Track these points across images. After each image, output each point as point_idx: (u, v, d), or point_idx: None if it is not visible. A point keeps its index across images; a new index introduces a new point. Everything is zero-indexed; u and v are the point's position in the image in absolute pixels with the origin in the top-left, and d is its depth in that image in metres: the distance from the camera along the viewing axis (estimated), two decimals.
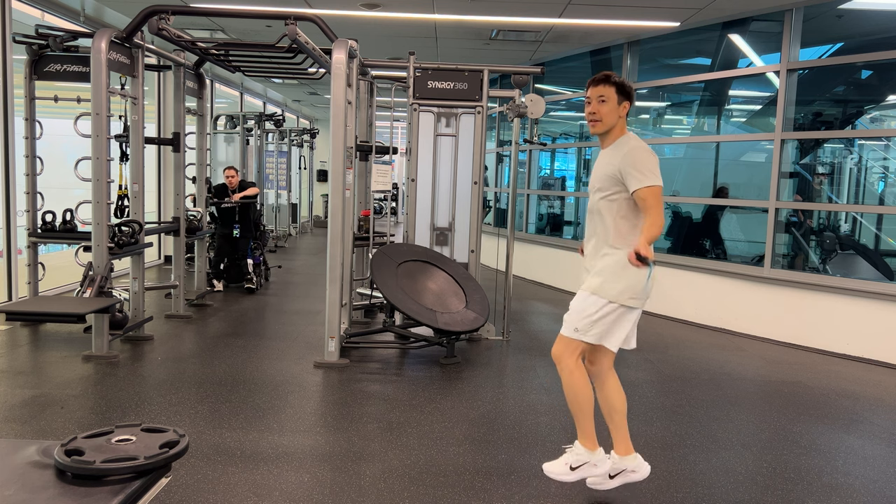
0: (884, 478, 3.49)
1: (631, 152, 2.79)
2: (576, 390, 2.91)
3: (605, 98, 2.86)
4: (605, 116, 2.86)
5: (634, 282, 2.81)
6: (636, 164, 2.75)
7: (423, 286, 5.44)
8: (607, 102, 2.86)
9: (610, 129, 2.89)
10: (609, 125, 2.88)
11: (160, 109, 9.64)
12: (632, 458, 3.01)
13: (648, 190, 2.73)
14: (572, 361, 2.89)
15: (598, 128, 2.91)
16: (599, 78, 2.89)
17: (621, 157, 2.79)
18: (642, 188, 2.73)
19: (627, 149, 2.81)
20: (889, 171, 7.36)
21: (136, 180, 5.65)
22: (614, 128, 2.89)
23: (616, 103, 2.85)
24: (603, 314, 2.83)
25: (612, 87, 2.85)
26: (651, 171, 2.75)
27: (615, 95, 2.85)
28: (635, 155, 2.78)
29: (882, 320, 5.74)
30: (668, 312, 7.39)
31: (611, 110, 2.85)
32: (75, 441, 1.76)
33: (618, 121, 2.87)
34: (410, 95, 5.94)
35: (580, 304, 2.90)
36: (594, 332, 2.85)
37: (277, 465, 3.31)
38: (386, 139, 10.39)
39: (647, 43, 8.06)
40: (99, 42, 4.96)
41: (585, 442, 2.97)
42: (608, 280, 2.83)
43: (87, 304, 4.82)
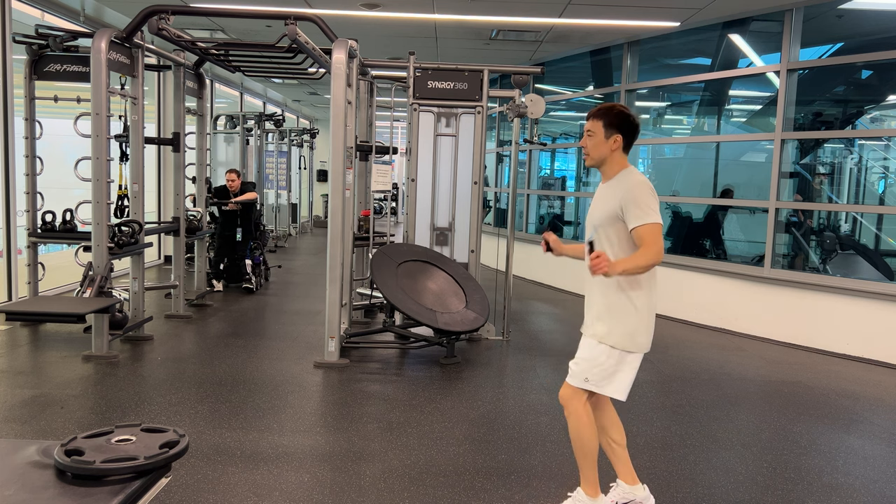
0: (884, 478, 3.49)
1: (632, 189, 2.70)
2: (582, 435, 2.81)
3: (592, 132, 2.79)
4: (592, 150, 2.79)
5: (640, 326, 2.75)
6: (637, 201, 2.67)
7: (423, 286, 5.44)
8: (593, 136, 2.78)
9: (605, 163, 2.80)
10: (597, 159, 2.80)
11: (160, 109, 9.64)
12: (641, 489, 2.96)
13: (647, 228, 2.65)
14: (580, 405, 2.81)
15: (588, 161, 2.85)
16: (590, 112, 2.83)
17: (622, 193, 2.70)
18: (641, 226, 2.65)
19: (629, 185, 2.72)
20: (889, 171, 7.36)
21: (136, 180, 5.65)
22: (610, 161, 2.80)
23: (602, 137, 2.76)
24: (611, 363, 2.75)
25: (598, 122, 2.77)
26: (651, 209, 2.67)
27: (601, 129, 2.76)
28: (637, 191, 2.69)
29: (882, 320, 5.74)
30: (668, 312, 7.39)
31: (597, 144, 2.78)
32: (75, 441, 1.76)
33: (610, 154, 2.78)
34: (410, 95, 5.94)
35: (588, 353, 2.80)
36: (604, 383, 2.76)
37: (277, 465, 3.31)
38: (386, 139, 10.40)
39: (647, 43, 8.06)
40: (99, 42, 4.96)
41: (588, 489, 2.87)
42: (615, 325, 2.75)
43: (87, 304, 4.82)
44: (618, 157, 2.80)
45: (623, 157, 2.81)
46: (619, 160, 2.80)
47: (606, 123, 2.77)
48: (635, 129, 2.80)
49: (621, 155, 2.80)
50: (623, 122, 2.77)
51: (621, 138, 2.76)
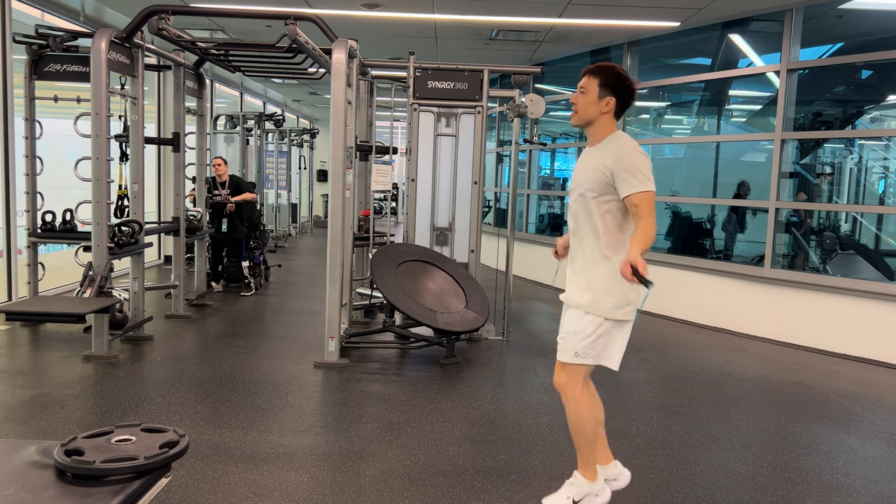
0: (884, 478, 3.49)
1: (623, 153, 2.57)
2: (582, 419, 2.74)
3: (585, 90, 2.65)
4: (581, 108, 2.67)
5: (628, 292, 2.64)
6: (629, 167, 2.53)
7: (423, 286, 5.44)
8: (586, 94, 2.65)
9: (593, 124, 2.67)
10: (585, 118, 2.67)
11: (160, 109, 9.64)
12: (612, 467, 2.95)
13: (643, 195, 2.50)
14: (578, 389, 2.73)
15: (574, 120, 2.71)
16: (587, 68, 2.70)
17: (613, 158, 2.57)
18: (635, 193, 2.51)
19: (619, 149, 2.59)
20: (889, 171, 7.36)
21: (136, 180, 5.65)
22: (599, 124, 2.67)
23: (596, 96, 2.63)
24: (600, 332, 2.66)
25: (594, 79, 2.64)
26: (645, 175, 2.53)
27: (596, 88, 2.62)
28: (628, 156, 2.56)
29: (882, 320, 5.74)
30: (668, 312, 7.39)
31: (588, 103, 2.64)
32: (75, 441, 1.76)
33: (600, 116, 2.65)
34: (410, 95, 5.94)
35: (575, 325, 2.71)
36: (594, 354, 2.68)
37: (277, 465, 3.31)
38: (386, 139, 10.40)
39: (647, 43, 8.06)
40: (99, 42, 4.96)
41: (586, 472, 2.82)
42: (601, 295, 2.66)
43: (87, 304, 4.82)
44: (607, 121, 2.67)
45: (613, 122, 2.68)
46: (608, 124, 2.67)
47: (602, 82, 2.63)
48: (631, 95, 2.67)
49: (611, 119, 2.67)
50: (619, 85, 2.64)
51: (614, 101, 2.64)
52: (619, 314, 2.66)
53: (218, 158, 7.83)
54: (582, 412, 2.75)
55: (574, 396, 2.75)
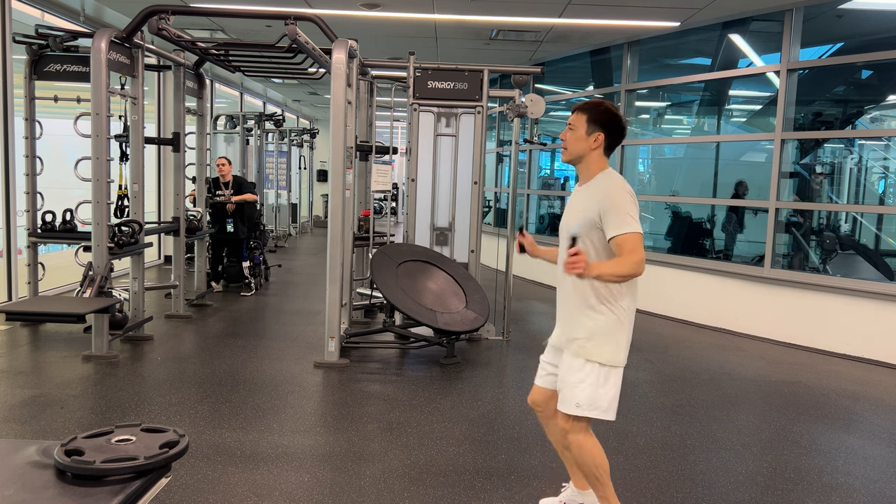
0: (884, 478, 3.49)
1: (611, 194, 2.52)
2: (595, 465, 2.64)
3: (574, 126, 2.61)
4: (570, 145, 2.62)
5: (625, 338, 2.60)
6: (615, 208, 2.47)
7: (423, 286, 5.44)
8: (574, 131, 2.61)
9: (582, 161, 2.63)
10: (574, 155, 2.62)
11: (160, 109, 9.64)
12: (591, 495, 2.81)
13: (627, 238, 2.43)
14: (582, 436, 2.64)
15: (564, 156, 2.67)
16: (576, 105, 2.68)
17: (601, 198, 2.52)
18: (620, 235, 2.44)
19: (607, 189, 2.54)
20: (889, 170, 7.36)
21: (136, 180, 5.65)
22: (589, 161, 2.62)
23: (584, 133, 2.58)
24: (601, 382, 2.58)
25: (582, 116, 2.60)
26: (630, 216, 2.46)
27: (584, 125, 2.58)
28: (615, 197, 2.50)
29: (882, 320, 5.74)
30: (668, 312, 7.39)
31: (576, 139, 2.60)
32: (75, 441, 1.76)
33: (589, 153, 2.60)
34: (410, 95, 5.94)
35: (575, 376, 2.61)
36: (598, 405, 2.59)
37: (277, 465, 3.31)
38: (386, 139, 10.40)
39: (647, 43, 8.06)
40: (99, 42, 4.96)
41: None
42: (603, 341, 2.57)
43: (87, 304, 4.82)
44: (597, 158, 2.61)
45: (603, 159, 2.63)
46: (597, 161, 2.62)
47: (590, 119, 2.59)
48: (621, 132, 2.62)
49: (601, 156, 2.62)
50: (608, 121, 2.59)
51: (603, 137, 2.58)
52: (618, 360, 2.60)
53: (222, 159, 7.81)
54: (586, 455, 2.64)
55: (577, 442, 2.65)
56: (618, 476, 3.33)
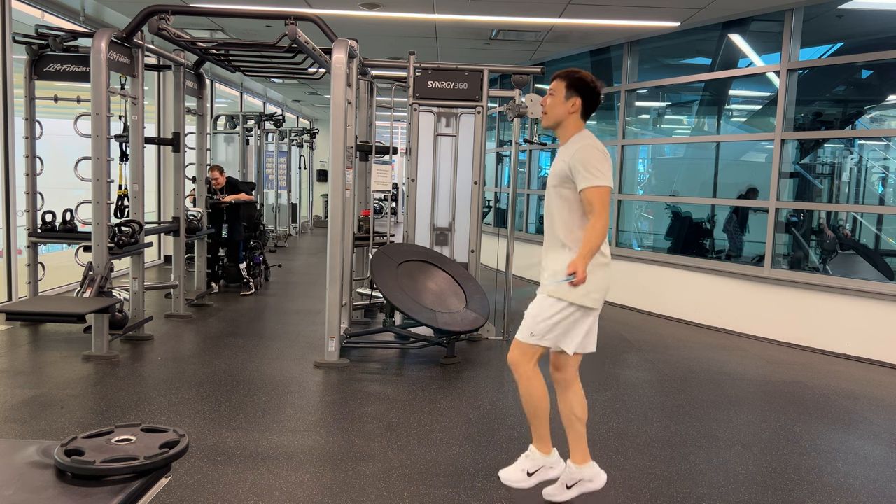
0: (884, 478, 3.49)
1: (581, 149, 2.74)
2: (534, 396, 2.89)
3: (554, 92, 2.84)
4: (550, 109, 2.84)
5: (594, 282, 2.74)
6: (585, 162, 2.70)
7: (423, 286, 5.44)
8: (554, 96, 2.83)
9: (561, 125, 2.85)
10: (554, 119, 2.85)
11: (160, 109, 9.64)
12: (588, 468, 2.97)
13: (595, 190, 2.67)
14: (529, 368, 2.87)
15: (544, 121, 2.89)
16: (556, 73, 2.88)
17: (571, 154, 2.76)
18: (588, 188, 2.67)
19: (579, 146, 2.76)
20: (889, 170, 7.36)
21: (136, 180, 5.65)
22: (567, 124, 2.84)
23: (563, 98, 2.81)
24: (560, 318, 2.79)
25: (561, 82, 2.82)
26: (599, 171, 2.68)
27: (563, 90, 2.81)
28: (585, 153, 2.73)
29: (882, 320, 5.74)
30: (668, 312, 7.39)
31: (556, 104, 2.82)
32: (75, 441, 1.76)
33: (568, 117, 2.83)
34: (410, 95, 5.94)
35: (537, 308, 2.86)
36: (551, 336, 2.82)
37: (277, 465, 3.31)
38: (386, 139, 10.41)
39: (647, 43, 8.06)
40: (99, 42, 4.96)
41: (541, 446, 2.98)
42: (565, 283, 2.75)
43: (87, 304, 4.82)
44: (574, 121, 2.84)
45: (580, 122, 2.85)
46: (575, 123, 2.84)
47: (568, 84, 2.81)
48: (596, 96, 2.84)
49: (578, 119, 2.84)
50: (585, 87, 2.81)
51: (580, 102, 2.81)
52: (581, 300, 2.77)
53: (213, 171, 7.69)
54: (533, 389, 2.89)
55: (525, 374, 2.88)
56: (618, 476, 3.34)
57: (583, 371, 3.00)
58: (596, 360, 5.37)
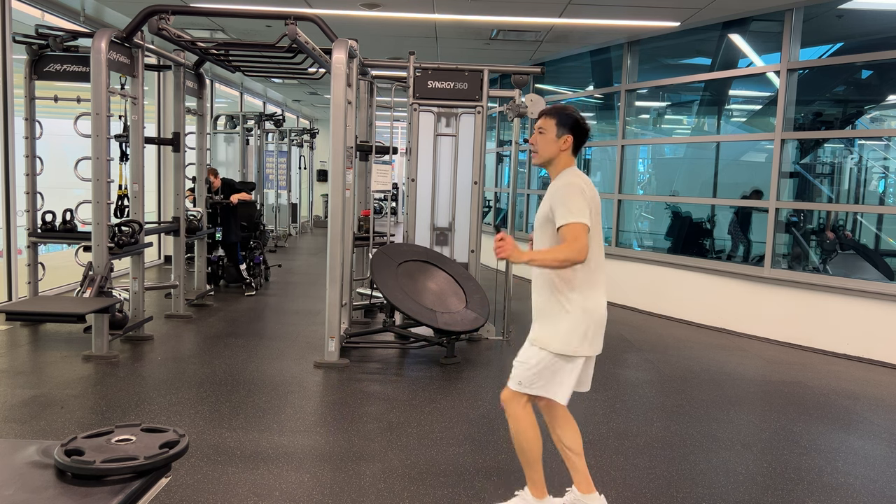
0: (884, 478, 3.49)
1: (561, 188, 2.69)
2: (522, 439, 2.78)
3: (544, 130, 2.78)
4: (541, 148, 2.78)
5: (572, 329, 2.68)
6: (563, 201, 2.64)
7: (423, 286, 5.44)
8: (545, 134, 2.77)
9: (552, 163, 2.80)
10: (545, 157, 2.79)
11: (160, 109, 9.64)
12: (592, 499, 2.88)
13: (569, 228, 2.59)
14: (519, 408, 2.78)
15: (535, 159, 2.83)
16: (544, 110, 2.83)
17: (553, 193, 2.70)
18: (563, 226, 2.60)
19: (560, 185, 2.71)
20: (889, 170, 7.36)
21: (136, 180, 5.65)
22: (556, 161, 2.79)
23: (554, 136, 2.75)
24: (543, 366, 2.70)
25: (551, 119, 2.77)
26: (577, 209, 2.61)
27: (553, 128, 2.75)
28: (564, 192, 2.67)
29: (882, 320, 5.74)
30: (668, 312, 7.39)
31: (547, 143, 2.77)
32: (75, 441, 1.76)
33: (558, 154, 2.77)
34: (410, 95, 5.94)
35: (522, 355, 2.79)
36: (538, 385, 2.72)
37: (277, 465, 3.31)
38: (386, 139, 10.41)
39: (647, 43, 8.06)
40: (99, 42, 4.96)
41: (535, 491, 2.84)
42: (545, 328, 2.73)
43: (87, 304, 4.82)
44: (565, 158, 2.79)
45: (570, 159, 2.81)
46: (565, 160, 2.79)
47: (559, 122, 2.76)
48: (585, 133, 2.80)
49: (569, 156, 2.80)
50: (575, 124, 2.77)
51: (572, 139, 2.76)
52: (564, 349, 2.69)
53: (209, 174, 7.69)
54: (521, 432, 2.78)
55: (515, 415, 2.79)
56: (618, 476, 3.34)
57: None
58: (596, 360, 5.36)
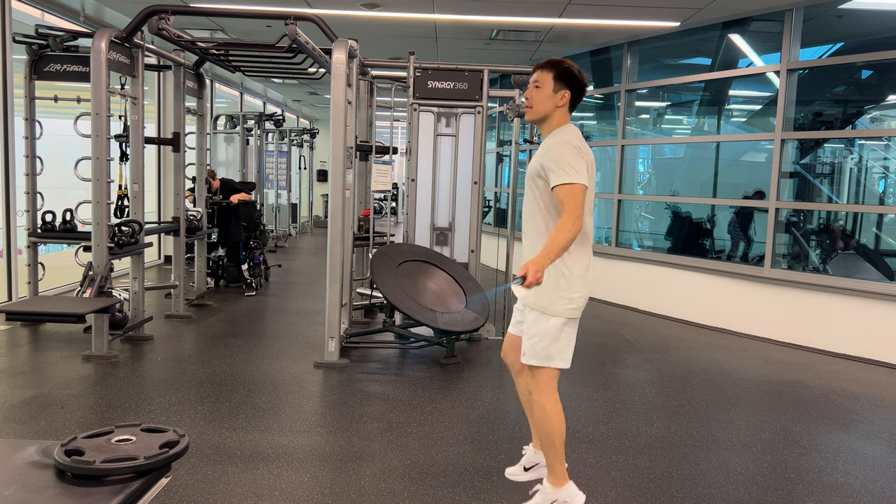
0: (884, 478, 3.49)
1: (554, 145, 2.55)
2: (549, 426, 2.70)
3: (540, 84, 2.64)
4: (537, 103, 2.64)
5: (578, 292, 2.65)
6: (556, 159, 2.50)
7: (423, 286, 5.44)
8: (541, 88, 2.63)
9: (547, 119, 2.65)
10: (541, 113, 2.64)
11: (160, 109, 9.64)
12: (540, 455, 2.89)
13: (566, 189, 2.44)
14: (545, 398, 2.69)
15: (530, 114, 2.68)
16: (540, 63, 2.68)
17: (546, 149, 2.57)
18: (559, 185, 2.46)
19: (553, 141, 2.57)
20: (889, 170, 7.36)
21: (136, 180, 5.65)
22: (551, 118, 2.65)
23: (551, 90, 2.62)
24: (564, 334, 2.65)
25: (548, 73, 2.63)
26: (571, 167, 2.47)
27: (551, 82, 2.62)
28: (558, 149, 2.52)
29: (882, 320, 5.74)
30: (668, 312, 7.39)
31: (544, 97, 2.63)
32: (75, 441, 1.76)
33: (554, 110, 2.63)
34: (410, 95, 5.94)
35: (537, 328, 2.67)
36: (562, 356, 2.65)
37: (277, 465, 3.31)
38: (386, 139, 10.41)
39: (647, 43, 8.06)
40: (99, 42, 4.96)
41: (555, 480, 2.77)
42: (551, 295, 2.63)
43: (87, 304, 4.82)
44: (560, 115, 2.66)
45: (566, 115, 2.67)
46: (560, 117, 2.66)
47: (557, 75, 2.63)
48: (583, 88, 2.67)
49: (565, 112, 2.67)
50: (574, 79, 2.64)
51: (569, 94, 2.64)
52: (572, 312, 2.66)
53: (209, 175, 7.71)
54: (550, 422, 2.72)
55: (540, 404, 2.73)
56: (618, 476, 3.34)
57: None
58: (596, 360, 5.37)
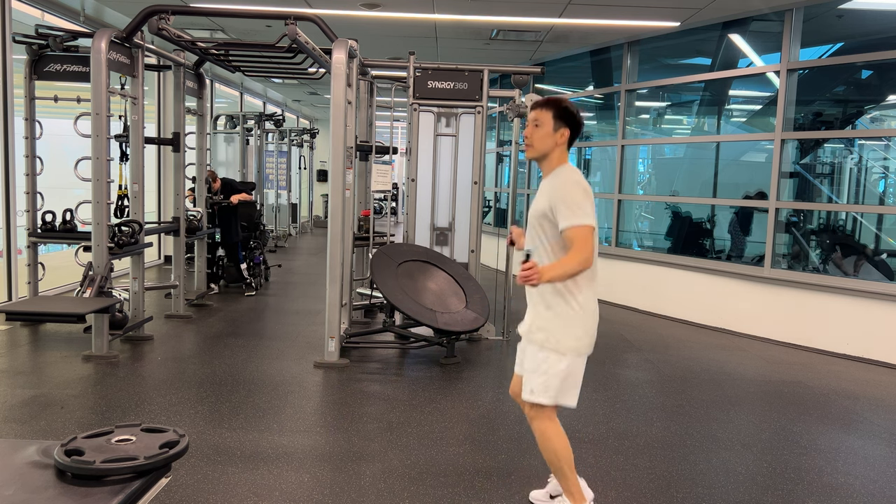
0: (884, 478, 3.49)
1: (561, 186, 2.59)
2: (552, 450, 2.73)
3: (540, 123, 2.68)
4: (537, 141, 2.68)
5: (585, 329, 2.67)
6: (565, 199, 2.54)
7: (423, 286, 5.44)
8: (541, 127, 2.67)
9: (546, 157, 2.70)
10: (541, 151, 2.69)
11: (160, 109, 9.64)
12: None
13: (576, 231, 2.50)
14: (544, 424, 2.73)
15: (530, 153, 2.72)
16: (539, 102, 2.73)
17: (552, 190, 2.61)
18: (570, 228, 2.52)
19: (560, 181, 2.61)
20: (889, 170, 7.36)
21: (136, 180, 5.65)
22: (551, 155, 2.69)
23: (551, 129, 2.66)
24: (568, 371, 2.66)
25: (548, 112, 2.67)
26: (580, 208, 2.52)
27: (551, 121, 2.66)
28: (566, 189, 2.57)
29: (882, 320, 5.74)
30: (668, 312, 7.39)
31: (544, 136, 2.67)
32: (75, 441, 1.76)
33: (554, 148, 2.68)
34: (410, 95, 5.94)
35: (539, 365, 2.68)
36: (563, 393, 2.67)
37: (277, 465, 3.31)
38: (386, 139, 10.40)
39: (647, 43, 8.06)
40: (99, 42, 4.96)
41: (574, 500, 2.78)
42: (559, 331, 2.65)
43: (87, 304, 4.82)
44: (559, 153, 2.71)
45: (565, 153, 2.72)
46: (560, 155, 2.71)
47: (556, 115, 2.67)
48: (580, 127, 2.73)
49: (564, 150, 2.72)
50: (572, 118, 2.69)
51: (569, 133, 2.68)
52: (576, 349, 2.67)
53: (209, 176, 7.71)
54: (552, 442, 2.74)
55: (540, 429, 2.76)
56: (618, 476, 3.34)
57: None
58: (596, 360, 5.35)
